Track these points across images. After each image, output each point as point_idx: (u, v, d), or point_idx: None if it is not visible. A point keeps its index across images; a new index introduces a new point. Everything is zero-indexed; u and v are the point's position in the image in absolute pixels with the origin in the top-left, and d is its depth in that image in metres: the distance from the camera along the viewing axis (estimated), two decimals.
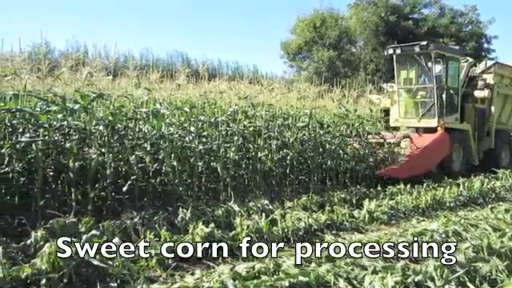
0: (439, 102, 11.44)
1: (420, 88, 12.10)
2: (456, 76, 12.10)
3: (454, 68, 12.04)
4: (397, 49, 12.13)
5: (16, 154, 5.19)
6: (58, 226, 4.43)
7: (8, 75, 5.84)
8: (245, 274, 3.92)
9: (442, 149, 11.00)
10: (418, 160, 10.23)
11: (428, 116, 11.68)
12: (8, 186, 5.15)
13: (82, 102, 5.81)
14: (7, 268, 3.51)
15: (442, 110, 11.48)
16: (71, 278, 3.73)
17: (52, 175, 5.58)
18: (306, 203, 6.87)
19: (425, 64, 11.62)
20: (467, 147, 12.12)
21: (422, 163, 10.36)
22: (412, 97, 12.29)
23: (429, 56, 11.42)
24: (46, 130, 5.36)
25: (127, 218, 5.01)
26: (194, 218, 5.35)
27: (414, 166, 10.01)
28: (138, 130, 6.47)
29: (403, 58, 12.21)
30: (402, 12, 33.67)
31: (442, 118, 11.35)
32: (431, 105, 11.60)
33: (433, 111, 11.57)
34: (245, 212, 5.90)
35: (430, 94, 11.70)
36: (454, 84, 12.06)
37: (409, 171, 9.76)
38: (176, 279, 3.95)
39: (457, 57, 12.23)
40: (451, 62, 11.81)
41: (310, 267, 4.13)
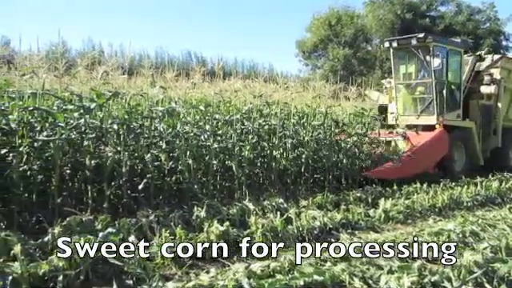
0: (439, 98, 10.84)
1: (419, 83, 11.49)
2: (458, 70, 11.49)
3: (456, 62, 11.43)
4: (393, 42, 11.46)
5: (34, 152, 5.24)
6: (74, 224, 4.46)
7: (26, 74, 5.91)
8: (260, 272, 3.91)
9: (439, 148, 10.32)
10: (412, 160, 9.49)
11: (427, 113, 11.10)
12: (26, 184, 5.21)
13: (98, 101, 5.86)
14: (25, 264, 3.55)
15: (442, 106, 10.91)
16: (88, 275, 3.77)
17: (69, 173, 5.63)
18: (321, 202, 6.84)
19: (423, 57, 11.01)
20: (471, 146, 11.47)
21: (416, 163, 9.56)
22: (411, 93, 11.70)
23: (427, 49, 10.80)
24: (63, 129, 5.41)
25: (143, 216, 5.03)
26: (208, 216, 5.36)
27: (406, 167, 9.31)
28: (153, 128, 6.50)
29: (401, 52, 11.64)
30: (418, 10, 33.41)
31: (441, 114, 10.78)
32: (430, 101, 11.00)
33: (432, 108, 10.98)
34: (259, 211, 5.89)
35: (428, 90, 11.11)
36: (455, 79, 11.46)
37: (400, 172, 9.12)
38: (191, 277, 3.96)
39: (458, 50, 11.55)
40: (452, 55, 11.21)
41: (325, 266, 4.11)
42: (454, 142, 10.85)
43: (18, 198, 5.04)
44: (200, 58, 38.49)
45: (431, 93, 10.93)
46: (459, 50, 11.56)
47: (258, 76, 8.81)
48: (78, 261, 3.75)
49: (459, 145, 11.16)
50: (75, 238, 3.99)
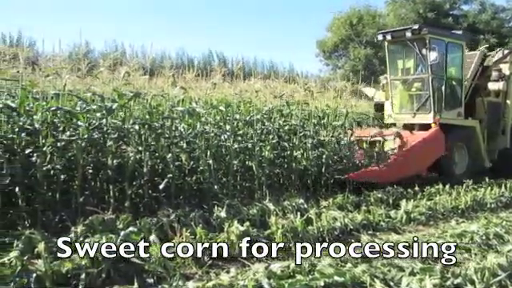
0: (436, 94, 10.01)
1: (416, 79, 10.61)
2: (459, 65, 10.60)
3: (457, 55, 10.55)
4: (387, 34, 10.55)
5: (57, 151, 5.32)
6: (96, 223, 4.52)
7: (50, 75, 6.00)
8: (280, 273, 3.90)
9: (433, 149, 9.44)
10: (402, 162, 8.76)
11: (423, 111, 10.23)
12: (50, 183, 5.29)
13: (120, 101, 5.93)
14: (49, 262, 3.61)
15: (440, 104, 10.08)
16: (110, 274, 3.81)
17: (91, 173, 5.70)
18: (342, 203, 6.80)
19: (418, 51, 10.18)
20: (474, 147, 10.55)
21: (407, 166, 8.82)
22: (407, 89, 10.82)
23: (423, 42, 9.96)
24: (86, 129, 5.48)
25: (163, 216, 5.07)
26: (229, 216, 5.37)
27: (394, 169, 8.58)
28: (174, 128, 6.54)
29: (396, 45, 10.85)
30: (441, 8, 32.99)
31: (439, 112, 9.94)
32: (426, 98, 10.16)
33: (428, 105, 10.12)
34: (280, 211, 5.88)
35: (425, 86, 10.25)
36: (456, 74, 10.63)
37: (387, 174, 8.41)
38: (211, 277, 3.98)
39: (460, 43, 10.57)
40: (452, 48, 10.34)
41: (345, 267, 4.08)
42: (455, 143, 10.09)
43: (42, 197, 5.12)
44: (221, 59, 38.75)
45: (428, 89, 10.14)
46: (460, 42, 10.63)
47: (278, 76, 8.81)
48: (100, 259, 3.79)
49: (461, 146, 10.35)
50: (97, 236, 4.04)
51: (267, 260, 4.46)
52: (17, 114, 5.16)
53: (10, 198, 5.02)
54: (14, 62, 6.00)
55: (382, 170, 8.47)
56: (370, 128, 10.44)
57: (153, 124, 6.17)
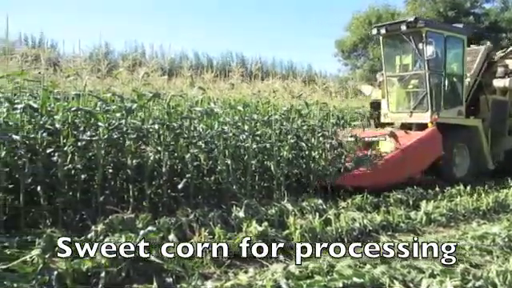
0: (434, 92, 9.43)
1: (413, 76, 9.98)
2: (460, 60, 9.99)
3: (457, 50, 9.97)
4: (381, 28, 9.90)
5: (78, 151, 5.38)
6: (116, 222, 4.56)
7: (70, 75, 6.07)
8: (298, 273, 3.89)
9: (429, 150, 8.85)
10: (393, 165, 8.21)
11: (420, 109, 9.64)
12: (70, 182, 5.35)
13: (139, 102, 5.97)
14: (69, 261, 3.66)
15: (438, 102, 9.49)
16: (129, 273, 3.84)
17: (111, 172, 5.75)
18: (361, 203, 6.75)
19: (415, 45, 9.53)
20: (476, 148, 9.93)
21: (399, 168, 8.25)
22: (404, 87, 10.20)
23: (419, 35, 9.35)
24: (106, 129, 5.53)
25: (182, 215, 5.09)
26: (247, 216, 5.37)
27: (384, 172, 7.98)
28: (192, 128, 6.56)
29: (392, 40, 10.24)
30: (461, 7, 32.53)
31: (437, 111, 9.32)
32: (423, 96, 9.57)
33: (425, 103, 9.53)
34: (298, 211, 5.86)
35: (422, 83, 9.65)
36: (457, 70, 10.03)
37: (376, 178, 7.79)
38: (230, 276, 3.99)
39: (460, 36, 9.95)
40: (452, 42, 9.77)
41: (364, 269, 4.05)
42: (455, 144, 9.48)
43: (63, 196, 5.19)
44: (240, 59, 38.93)
45: (425, 86, 9.51)
46: (461, 36, 9.99)
47: (296, 76, 8.78)
48: (119, 258, 3.83)
49: (461, 146, 9.71)
50: (117, 235, 4.08)
51: (285, 260, 4.45)
52: (38, 114, 5.23)
53: (32, 197, 5.10)
54: (36, 63, 6.08)
55: (370, 173, 7.86)
56: (371, 129, 10.04)
57: (171, 124, 6.21)
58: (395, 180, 8.03)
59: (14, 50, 6.10)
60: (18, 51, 6.03)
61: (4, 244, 3.94)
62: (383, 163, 8.10)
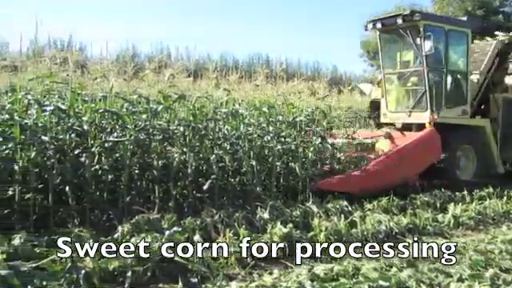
0: (434, 90, 8.80)
1: (412, 73, 9.33)
2: (464, 56, 9.30)
3: (461, 45, 9.30)
4: (377, 23, 9.25)
5: (105, 152, 5.46)
6: (142, 222, 4.61)
7: (98, 77, 6.17)
8: (323, 275, 3.87)
9: (426, 153, 8.21)
10: (384, 169, 7.54)
11: (419, 109, 9.04)
12: (98, 183, 5.43)
13: (165, 103, 6.03)
14: (97, 260, 3.71)
15: (439, 100, 8.86)
16: (155, 272, 3.88)
17: (137, 173, 5.81)
18: (387, 205, 6.66)
19: (412, 40, 8.89)
20: (484, 150, 9.27)
21: (391, 172, 7.55)
22: (402, 85, 9.58)
23: (416, 29, 8.75)
24: (132, 130, 5.60)
25: (207, 216, 5.11)
26: (272, 217, 5.36)
27: (374, 177, 7.33)
28: (217, 130, 6.60)
29: (390, 35, 9.64)
30: (490, 6, 31.86)
31: (437, 111, 8.71)
32: (421, 94, 8.97)
33: (424, 102, 8.91)
34: (323, 213, 5.83)
35: (421, 81, 9.03)
36: (460, 66, 9.39)
37: (364, 183, 7.18)
38: (254, 278, 3.99)
39: (464, 30, 9.25)
40: (455, 37, 9.16)
41: (390, 272, 4.00)
42: (459, 146, 8.88)
43: (91, 196, 5.27)
44: (265, 60, 39.17)
45: (423, 84, 8.90)
46: (464, 30, 9.28)
47: (321, 77, 8.74)
48: (145, 258, 3.87)
49: (467, 148, 9.09)
50: (143, 235, 4.12)
51: (310, 262, 4.43)
52: (66, 115, 5.32)
53: (61, 197, 5.18)
54: (64, 65, 6.20)
55: (356, 177, 7.27)
56: (369, 129, 9.82)
57: (197, 125, 6.24)
58: (385, 184, 7.32)
59: (43, 52, 6.23)
60: (47, 54, 6.15)
61: (34, 243, 4.02)
62: (371, 167, 7.50)
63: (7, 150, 4.95)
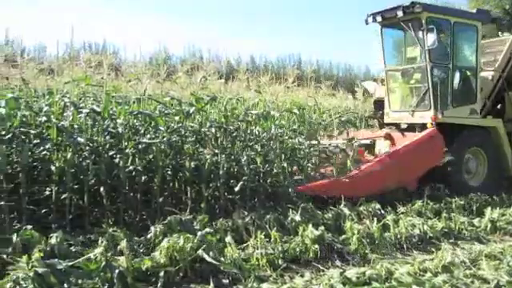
0: (439, 87, 8.14)
1: (416, 69, 8.70)
2: (473, 50, 8.62)
3: (469, 39, 8.64)
4: (377, 16, 8.59)
5: (138, 153, 5.54)
6: (175, 223, 4.65)
7: (131, 80, 6.27)
8: (355, 279, 3.82)
9: (424, 156, 7.50)
10: (375, 173, 6.96)
11: (422, 108, 8.41)
12: (131, 184, 5.52)
13: (197, 105, 6.08)
14: (130, 259, 3.77)
15: (444, 98, 8.21)
16: (187, 272, 3.91)
17: (170, 174, 5.88)
18: (421, 209, 6.53)
19: (414, 34, 8.27)
20: (496, 153, 8.56)
21: (383, 177, 6.97)
22: (405, 82, 8.95)
23: (419, 22, 8.11)
24: (165, 132, 5.67)
25: (239, 218, 5.13)
26: (303, 219, 5.33)
27: (364, 181, 6.81)
28: (249, 131, 6.62)
29: (393, 29, 8.94)
30: None
31: (441, 110, 8.05)
32: (425, 92, 8.34)
33: (427, 101, 8.28)
34: (355, 216, 5.77)
35: (424, 78, 8.39)
36: (469, 62, 8.70)
37: (354, 187, 6.60)
38: (285, 280, 3.97)
39: (473, 23, 8.58)
40: (463, 30, 8.51)
41: (424, 277, 3.92)
42: (468, 147, 8.24)
43: (124, 197, 5.36)
44: (297, 61, 39.23)
45: (426, 81, 8.27)
46: (473, 23, 8.60)
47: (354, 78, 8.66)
48: (177, 258, 3.91)
49: (476, 151, 8.39)
50: (175, 236, 4.15)
51: (342, 265, 4.39)
52: (101, 117, 5.42)
53: (96, 197, 5.30)
54: (99, 68, 6.33)
55: (344, 182, 6.68)
56: (369, 130, 9.23)
57: (228, 127, 6.27)
58: (378, 189, 6.79)
59: (78, 56, 6.38)
60: (83, 58, 6.29)
61: (69, 242, 4.11)
62: (362, 171, 6.92)
63: (44, 151, 5.08)
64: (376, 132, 8.73)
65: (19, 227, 4.35)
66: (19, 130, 4.90)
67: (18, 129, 4.89)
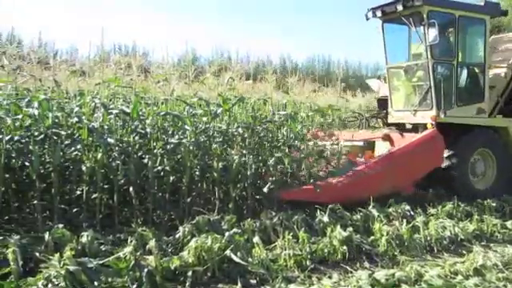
0: (443, 85, 7.71)
1: (419, 67, 8.25)
2: (481, 46, 8.16)
3: (476, 34, 8.22)
4: (377, 11, 8.20)
5: (166, 154, 5.59)
6: (203, 223, 4.69)
7: (160, 81, 6.34)
8: (384, 281, 3.78)
9: (422, 158, 7.02)
10: (367, 176, 6.52)
11: (424, 107, 7.99)
12: (160, 184, 5.58)
13: (224, 106, 6.10)
14: (159, 258, 3.81)
15: (448, 97, 7.77)
16: (214, 272, 3.93)
17: (198, 175, 5.91)
18: (452, 211, 6.41)
19: (415, 29, 7.86)
20: (507, 155, 8.09)
21: (375, 181, 6.53)
22: (408, 80, 8.51)
23: (420, 16, 7.67)
24: (193, 133, 5.71)
25: (266, 218, 5.13)
26: (331, 221, 5.30)
27: (353, 185, 6.36)
28: (276, 132, 6.60)
29: (396, 24, 8.39)
30: None
31: (444, 109, 7.62)
32: (426, 90, 7.93)
33: (429, 100, 7.89)
34: (384, 217, 5.69)
35: (426, 75, 7.96)
36: (476, 58, 8.28)
37: (338, 194, 6.16)
38: (313, 281, 3.96)
39: (480, 17, 8.09)
40: (469, 24, 8.12)
41: (455, 279, 3.85)
42: (474, 149, 7.79)
43: (153, 197, 5.41)
44: (326, 62, 39.09)
45: (428, 79, 7.86)
46: (481, 16, 8.10)
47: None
48: (205, 258, 3.93)
49: (485, 152, 7.94)
50: (203, 236, 4.18)
51: (371, 267, 4.35)
52: (130, 118, 5.49)
53: (125, 197, 5.37)
54: (128, 70, 6.41)
55: (331, 187, 6.27)
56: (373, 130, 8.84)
57: (256, 128, 6.27)
58: (369, 193, 6.21)
59: (108, 58, 6.48)
60: (113, 59, 6.39)
61: (100, 241, 4.18)
62: (350, 176, 6.51)
63: (76, 151, 5.18)
64: (375, 133, 8.37)
65: (51, 226, 4.44)
66: (51, 131, 4.99)
67: (50, 130, 4.99)
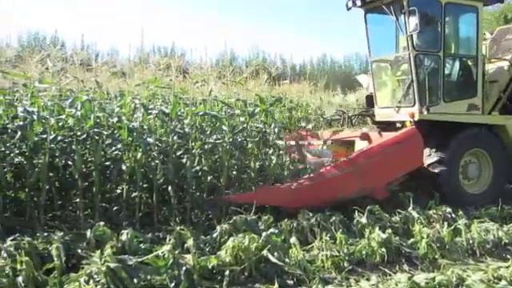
0: (427, 79, 7.21)
1: (403, 59, 7.51)
2: (473, 36, 7.45)
3: (467, 23, 7.55)
4: (356, 0, 7.54)
5: (204, 154, 5.65)
6: (240, 222, 4.70)
7: (198, 82, 6.40)
8: (424, 284, 3.69)
9: (398, 159, 6.39)
10: (332, 178, 5.99)
11: (407, 103, 7.33)
12: (198, 183, 5.63)
13: (261, 106, 6.11)
14: (197, 257, 3.84)
15: (433, 92, 7.20)
16: (251, 272, 3.94)
17: (235, 174, 5.94)
18: (495, 213, 6.21)
19: (396, 18, 7.16)
20: (504, 155, 7.40)
21: (342, 183, 6.01)
22: (393, 74, 7.89)
23: (401, 4, 6.98)
24: (230, 132, 5.74)
25: (304, 219, 5.10)
26: (369, 222, 5.21)
27: (315, 189, 5.84)
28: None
29: (379, 15, 7.63)
30: None
31: (428, 105, 7.02)
32: (408, 84, 7.26)
33: (411, 95, 7.24)
34: (424, 219, 5.56)
35: (408, 68, 7.26)
36: (466, 50, 7.64)
37: (300, 196, 5.72)
38: (351, 283, 3.91)
39: (472, 4, 7.38)
40: (458, 12, 7.50)
41: (498, 285, 3.73)
42: (466, 149, 7.14)
43: (191, 196, 5.47)
44: (363, 61, 38.72)
45: (409, 72, 7.19)
46: (472, 3, 7.40)
47: None
48: (242, 257, 3.94)
49: (479, 153, 7.30)
50: (240, 236, 4.19)
51: (410, 270, 4.26)
52: (169, 118, 5.57)
53: (164, 196, 5.45)
54: (167, 70, 6.50)
55: (285, 190, 5.78)
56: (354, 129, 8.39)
57: (291, 127, 6.25)
58: (336, 197, 5.87)
59: (148, 59, 6.59)
60: (152, 61, 6.49)
61: (139, 239, 4.25)
62: (316, 177, 6.02)
63: (116, 151, 5.30)
64: (355, 132, 7.83)
65: (93, 224, 4.55)
66: (93, 131, 5.12)
67: (91, 129, 5.12)
